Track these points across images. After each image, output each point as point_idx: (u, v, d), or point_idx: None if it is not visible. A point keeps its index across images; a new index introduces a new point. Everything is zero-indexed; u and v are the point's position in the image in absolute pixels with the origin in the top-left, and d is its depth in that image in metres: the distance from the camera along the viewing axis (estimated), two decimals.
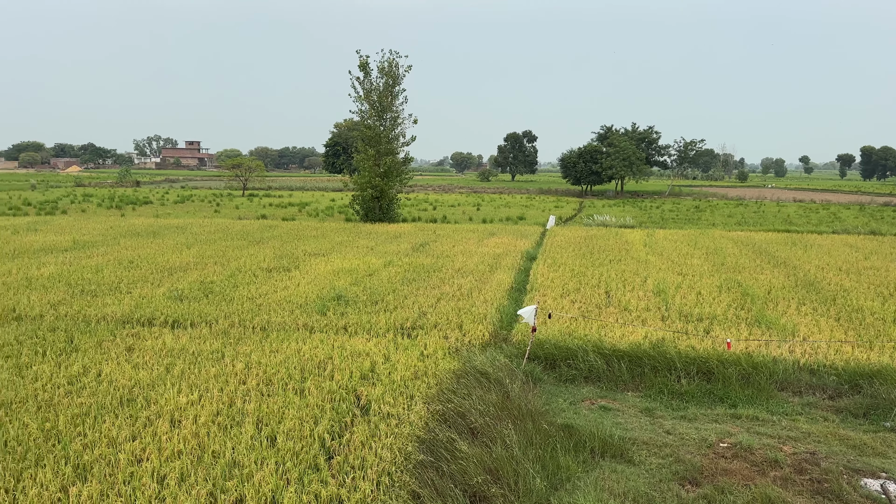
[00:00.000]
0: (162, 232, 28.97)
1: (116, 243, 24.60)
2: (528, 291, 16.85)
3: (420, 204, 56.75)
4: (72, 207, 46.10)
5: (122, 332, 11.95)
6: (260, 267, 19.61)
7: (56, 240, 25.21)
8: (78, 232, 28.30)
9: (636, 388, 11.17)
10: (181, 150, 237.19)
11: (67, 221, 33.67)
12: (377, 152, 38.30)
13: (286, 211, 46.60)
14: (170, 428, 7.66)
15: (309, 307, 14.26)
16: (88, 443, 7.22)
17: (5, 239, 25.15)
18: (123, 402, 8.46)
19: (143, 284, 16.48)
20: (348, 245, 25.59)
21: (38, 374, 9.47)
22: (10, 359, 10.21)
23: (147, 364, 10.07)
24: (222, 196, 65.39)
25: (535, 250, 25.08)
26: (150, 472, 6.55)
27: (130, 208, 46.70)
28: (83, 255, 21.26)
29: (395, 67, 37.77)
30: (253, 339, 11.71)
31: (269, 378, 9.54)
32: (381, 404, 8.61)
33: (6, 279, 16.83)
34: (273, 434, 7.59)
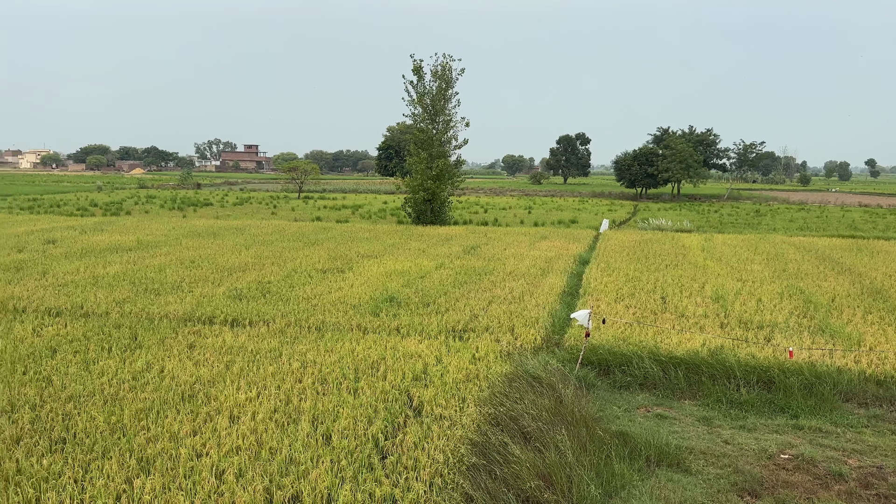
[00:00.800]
0: (221, 233, 29.77)
1: (178, 243, 25.40)
2: (580, 296, 16.67)
3: (471, 207, 56.79)
4: (136, 209, 47.82)
5: (183, 329, 12.33)
6: (315, 268, 19.95)
7: (121, 240, 26.18)
8: (142, 232, 29.33)
9: (693, 396, 10.92)
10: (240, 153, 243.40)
11: (132, 222, 34.94)
12: (429, 155, 38.52)
13: (340, 213, 47.29)
14: (229, 424, 7.87)
15: (362, 308, 14.43)
16: (151, 437, 7.48)
17: (73, 238, 26.26)
18: (185, 398, 8.73)
19: (204, 284, 16.97)
20: (400, 247, 25.81)
21: (105, 370, 9.84)
22: (79, 354, 10.64)
23: (208, 361, 10.36)
24: (279, 198, 66.80)
25: (588, 254, 24.79)
26: (210, 467, 6.74)
27: (192, 210, 48.14)
28: (147, 255, 22.02)
29: (448, 71, 37.95)
30: (308, 338, 11.92)
31: (323, 377, 9.70)
32: (434, 406, 8.65)
33: (74, 277, 17.56)
34: (328, 432, 7.71)
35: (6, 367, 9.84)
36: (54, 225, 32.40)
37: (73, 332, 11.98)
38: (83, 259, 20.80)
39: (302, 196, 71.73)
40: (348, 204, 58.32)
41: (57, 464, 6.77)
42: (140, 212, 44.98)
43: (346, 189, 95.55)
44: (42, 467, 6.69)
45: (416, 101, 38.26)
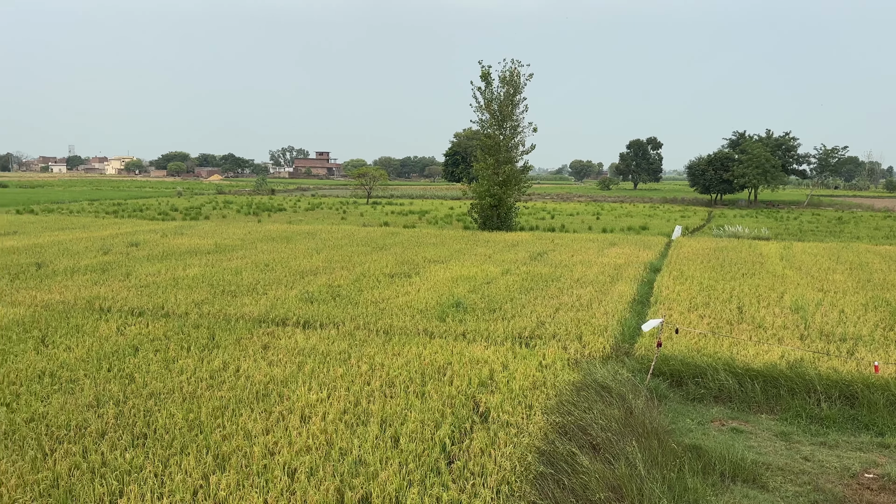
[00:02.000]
0: (294, 237, 30.56)
1: (254, 247, 26.23)
2: (651, 304, 16.29)
3: (538, 212, 56.38)
4: (213, 213, 49.66)
5: (258, 330, 12.72)
6: (383, 272, 20.22)
7: (200, 243, 27.23)
8: (219, 236, 30.43)
9: (770, 410, 10.49)
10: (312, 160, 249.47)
11: (210, 226, 36.30)
12: (496, 161, 38.50)
13: (407, 218, 47.78)
14: (300, 423, 8.06)
15: (429, 313, 14.53)
16: (227, 434, 7.73)
17: (155, 242, 27.48)
18: (259, 397, 9.00)
19: (278, 286, 17.45)
20: (466, 253, 25.86)
21: (184, 368, 10.24)
22: (160, 353, 11.12)
23: (281, 361, 10.65)
24: (348, 204, 68.09)
25: (660, 262, 24.20)
26: (282, 465, 6.92)
27: (266, 215, 49.63)
28: (224, 258, 22.82)
29: (516, 76, 37.86)
30: (376, 341, 12.08)
31: (391, 380, 9.81)
32: (500, 412, 8.62)
33: (156, 279, 18.37)
34: (396, 435, 7.79)
35: (93, 364, 10.37)
36: (137, 229, 34.00)
37: (155, 331, 12.53)
38: (164, 261, 21.73)
39: (370, 201, 72.89)
40: (415, 209, 58.88)
41: (139, 458, 7.08)
42: (218, 216, 46.67)
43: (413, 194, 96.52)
44: (125, 461, 7.02)
45: (483, 107, 38.32)
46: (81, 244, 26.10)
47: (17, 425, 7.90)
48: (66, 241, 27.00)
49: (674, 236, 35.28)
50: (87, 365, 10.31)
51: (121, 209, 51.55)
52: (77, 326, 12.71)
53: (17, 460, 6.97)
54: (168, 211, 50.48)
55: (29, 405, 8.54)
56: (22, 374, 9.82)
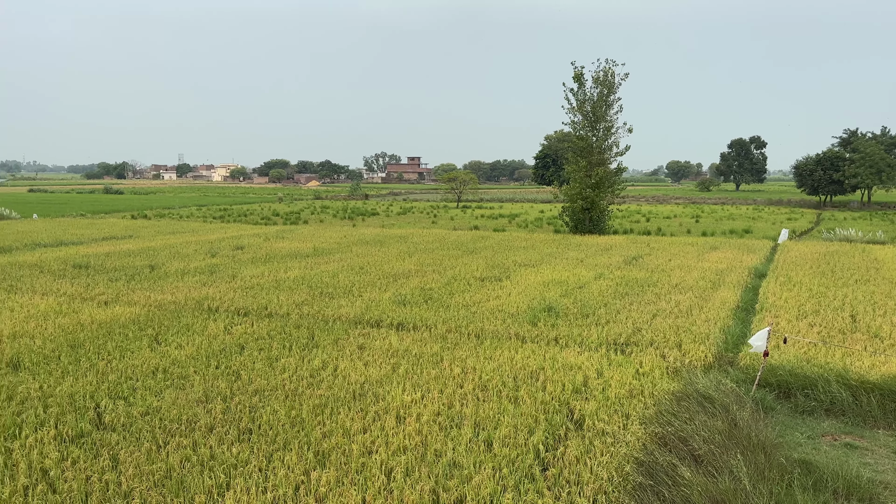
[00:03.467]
0: (387, 241, 31.19)
1: (349, 251, 26.96)
2: (756, 312, 15.52)
3: (632, 215, 54.96)
4: (312, 218, 51.40)
5: (354, 331, 13.05)
6: (473, 276, 20.28)
7: (299, 247, 28.26)
8: (317, 240, 31.47)
9: (889, 425, 9.75)
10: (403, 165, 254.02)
11: (308, 230, 37.59)
12: (588, 163, 37.84)
13: (497, 222, 47.74)
14: (396, 424, 8.20)
15: (520, 317, 14.44)
16: (326, 432, 7.97)
17: (258, 245, 28.73)
18: (356, 397, 9.22)
19: (372, 289, 17.85)
20: (558, 256, 25.54)
21: (286, 367, 10.64)
22: (263, 351, 11.60)
23: (376, 362, 10.88)
24: (438, 208, 68.79)
25: (765, 266, 23.03)
26: (379, 464, 7.06)
27: (360, 219, 50.92)
28: (321, 261, 23.58)
29: (610, 76, 37.09)
30: (468, 344, 12.13)
31: (484, 384, 9.81)
32: (596, 420, 8.45)
33: (259, 280, 19.19)
34: (489, 439, 7.78)
35: (202, 361, 10.95)
36: (242, 233, 35.67)
37: (259, 330, 13.09)
38: (267, 264, 22.68)
39: (460, 205, 73.33)
40: (505, 213, 58.75)
41: (244, 452, 7.40)
42: (315, 221, 48.27)
43: (503, 198, 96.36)
44: (232, 455, 7.36)
45: (576, 108, 37.77)
46: (191, 247, 27.65)
47: (134, 418, 8.44)
48: (176, 245, 28.68)
49: (780, 240, 33.50)
50: (196, 362, 10.89)
51: (226, 214, 54.23)
52: (187, 325, 13.46)
53: (134, 451, 7.44)
54: (270, 216, 52.68)
55: (144, 399, 9.11)
56: (138, 369, 10.50)
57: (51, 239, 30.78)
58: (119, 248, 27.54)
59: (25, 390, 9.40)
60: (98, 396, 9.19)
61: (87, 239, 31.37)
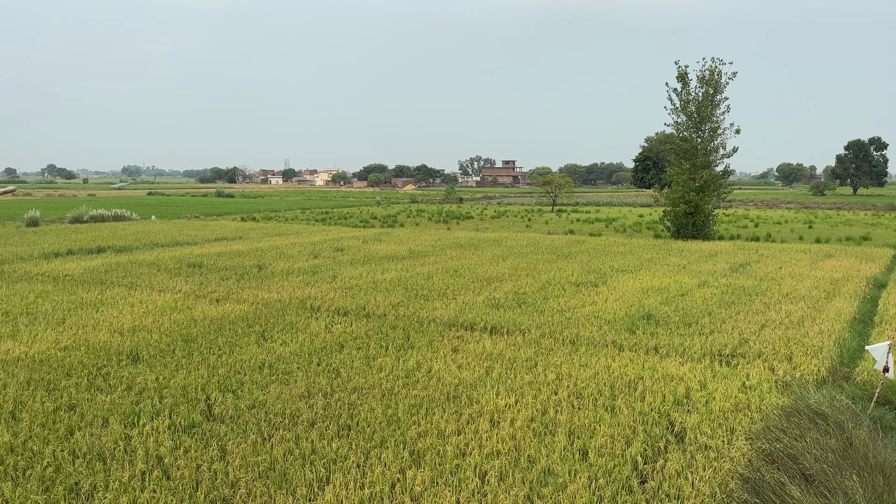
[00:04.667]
0: (481, 245, 31.28)
1: (443, 254, 27.24)
2: (875, 324, 14.45)
3: (739, 220, 52.49)
4: (407, 221, 52.32)
5: (448, 333, 13.17)
6: (568, 281, 20.00)
7: (395, 249, 28.83)
8: (412, 243, 32.00)
9: None
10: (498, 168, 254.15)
11: (404, 233, 38.29)
12: (692, 165, 36.48)
13: (593, 226, 46.86)
14: (489, 427, 8.20)
15: (617, 324, 14.11)
16: (421, 432, 8.09)
17: (357, 248, 29.53)
18: (450, 398, 9.30)
19: (466, 292, 17.96)
20: (658, 262, 24.76)
21: (382, 366, 10.88)
22: (361, 350, 11.91)
23: (469, 365, 10.93)
24: (533, 211, 68.30)
25: (886, 276, 21.41)
26: (473, 467, 7.08)
27: (455, 222, 51.34)
28: (417, 264, 23.95)
29: (716, 75, 35.64)
30: (563, 350, 11.97)
31: (579, 391, 9.65)
32: (698, 434, 8.13)
33: (358, 282, 19.72)
34: (584, 448, 7.65)
35: (304, 358, 11.37)
36: (342, 235, 36.78)
37: (357, 330, 13.45)
38: (365, 266, 23.28)
39: (555, 209, 72.50)
40: (602, 217, 57.57)
41: (343, 448, 7.63)
42: (411, 224, 49.10)
43: (600, 202, 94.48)
44: (331, 450, 7.59)
45: (679, 108, 36.52)
46: (295, 249, 28.79)
47: (241, 411, 8.87)
48: (282, 246, 29.94)
49: None
50: (299, 359, 11.32)
51: (328, 217, 56.09)
52: (291, 323, 14.01)
53: (241, 442, 7.82)
54: (368, 219, 54.05)
55: (251, 393, 9.55)
56: (245, 364, 11.03)
57: (167, 239, 32.89)
58: (230, 248, 29.05)
59: (143, 381, 10.08)
60: (209, 389, 9.73)
61: (201, 239, 33.29)
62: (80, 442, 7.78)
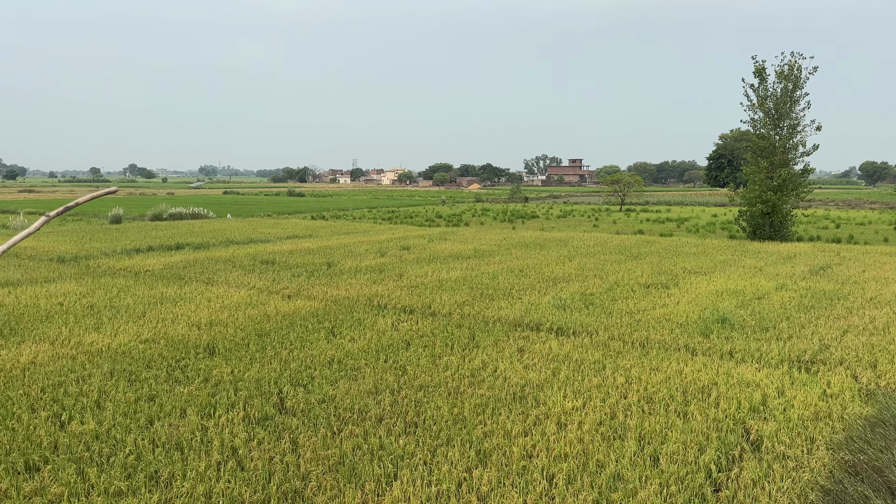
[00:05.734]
0: (546, 244, 31.00)
1: (508, 253, 27.13)
2: None
3: (819, 221, 50.22)
4: (472, 220, 52.37)
5: (514, 333, 13.10)
6: (637, 282, 19.58)
7: (460, 248, 28.89)
8: (477, 242, 32.00)
9: None
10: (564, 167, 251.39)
11: (469, 232, 38.33)
12: (770, 164, 35.13)
13: (663, 226, 45.73)
14: (556, 430, 8.11)
15: (690, 327, 13.72)
16: (487, 432, 8.07)
17: (423, 246, 29.74)
18: (516, 399, 9.25)
19: (531, 292, 17.82)
20: (732, 264, 23.95)
21: (448, 364, 10.92)
22: (427, 349, 11.98)
23: (535, 366, 10.85)
24: (600, 211, 67.21)
25: None
26: (540, 469, 7.02)
27: (520, 222, 51.07)
28: (482, 263, 23.94)
29: (796, 70, 34.19)
30: (632, 353, 11.72)
31: (649, 396, 9.44)
32: (775, 442, 7.82)
33: (424, 280, 19.85)
34: (655, 454, 7.47)
35: (372, 355, 11.53)
36: (408, 234, 37.13)
37: (423, 328, 13.55)
38: (430, 264, 23.43)
39: (624, 208, 71.11)
40: (673, 217, 56.10)
41: (410, 445, 7.69)
42: (476, 223, 49.12)
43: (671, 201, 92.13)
44: (399, 446, 7.67)
45: (756, 105, 35.22)
46: (362, 247, 29.25)
47: (312, 405, 9.06)
48: (350, 244, 30.48)
49: None
50: (367, 355, 11.49)
51: (394, 216, 56.76)
52: (359, 320, 14.24)
53: (312, 436, 7.99)
54: (433, 218, 54.37)
55: (321, 388, 9.75)
56: (315, 359, 11.27)
57: (242, 237, 33.96)
58: (300, 246, 29.76)
59: (219, 374, 10.43)
60: (281, 383, 9.99)
61: (273, 237, 34.23)
62: (159, 431, 8.11)
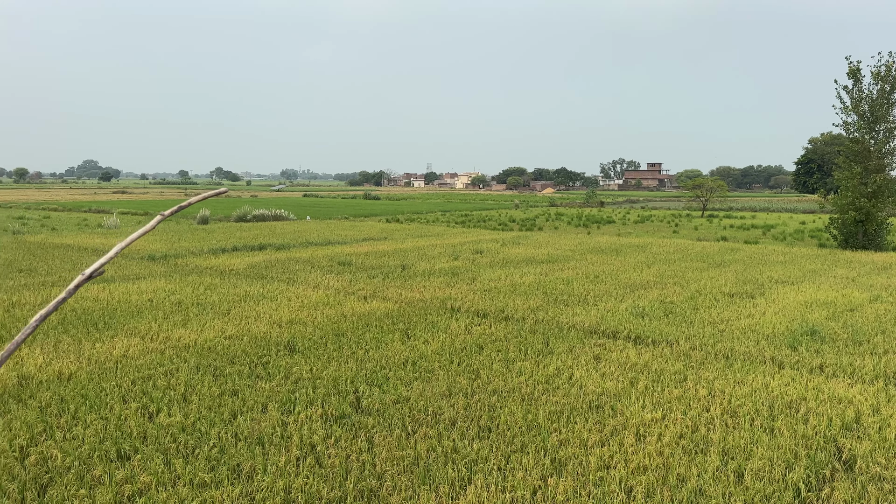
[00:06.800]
0: (623, 250, 30.36)
1: (583, 258, 26.71)
2: None
3: None
4: (546, 225, 51.89)
5: (589, 340, 12.88)
6: (721, 291, 18.90)
7: (534, 253, 28.66)
8: (551, 247, 31.66)
9: None
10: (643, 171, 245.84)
11: (543, 237, 37.99)
12: (864, 169, 33.26)
13: (748, 233, 44.02)
14: (635, 441, 7.91)
15: (777, 339, 13.13)
16: (563, 440, 7.95)
17: (496, 250, 29.67)
18: (592, 408, 9.08)
19: (608, 299, 17.48)
20: (822, 274, 22.78)
21: (522, 370, 10.83)
22: (500, 353, 11.93)
23: (612, 375, 10.62)
24: (680, 216, 65.32)
25: None
26: (618, 481, 6.86)
27: (595, 227, 50.23)
28: (556, 268, 23.66)
29: (894, 71, 32.27)
30: (715, 365, 11.31)
31: (733, 409, 9.08)
32: (870, 463, 7.37)
33: (497, 284, 19.79)
34: (740, 470, 7.17)
35: (445, 357, 11.57)
36: (481, 238, 37.14)
37: (496, 332, 13.50)
38: (503, 269, 23.35)
39: (706, 214, 68.87)
40: (758, 223, 53.91)
41: (484, 449, 7.66)
42: (550, 228, 48.65)
43: (756, 207, 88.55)
44: (472, 450, 7.66)
45: (850, 108, 33.43)
46: (436, 250, 29.45)
47: (387, 405, 9.17)
48: (423, 247, 30.74)
49: None
50: (440, 358, 11.55)
51: (467, 220, 56.91)
52: (432, 323, 14.33)
53: (387, 436, 8.08)
54: (506, 222, 54.19)
55: (395, 388, 9.86)
56: (390, 360, 11.40)
57: (320, 238, 34.82)
58: (375, 248, 30.26)
59: (298, 371, 10.71)
60: (357, 382, 10.16)
61: (350, 239, 34.94)
62: (241, 426, 8.39)
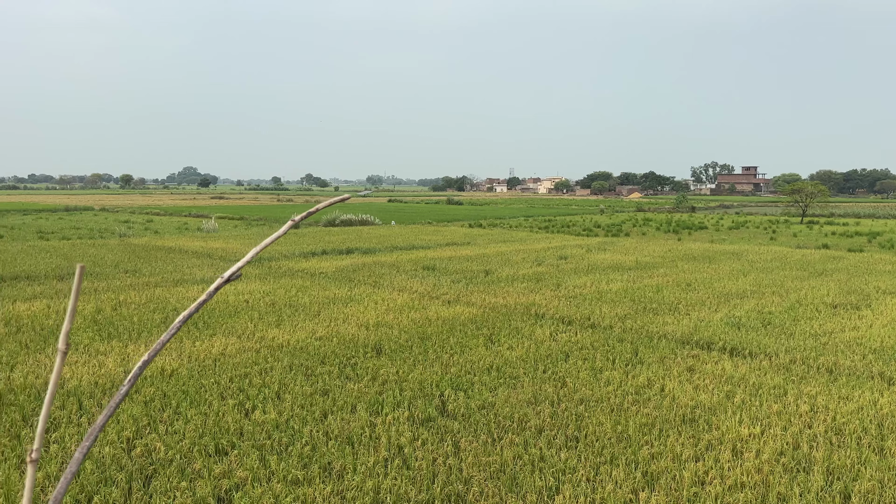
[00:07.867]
0: (716, 257, 29.22)
1: (674, 266, 25.88)
2: None
3: None
4: (633, 230, 50.63)
5: (682, 351, 12.45)
6: (823, 301, 17.87)
7: (621, 259, 28.02)
8: (639, 253, 30.86)
9: None
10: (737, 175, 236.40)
11: (630, 243, 37.09)
12: None
13: (852, 241, 41.45)
14: (731, 457, 7.58)
15: (885, 354, 12.29)
16: (655, 453, 7.71)
17: (580, 256, 29.20)
18: (685, 421, 8.76)
19: (700, 308, 16.86)
20: None
21: (610, 380, 10.59)
22: (587, 361, 11.71)
23: (707, 387, 10.22)
24: (778, 223, 62.27)
25: None
26: (713, 497, 6.59)
27: (686, 233, 48.60)
28: (644, 275, 23.04)
29: None
30: (818, 380, 10.70)
31: (838, 427, 8.55)
32: None
33: (582, 291, 19.47)
34: (846, 491, 6.75)
35: (530, 364, 11.46)
36: (565, 243, 36.65)
37: (582, 340, 13.27)
38: (589, 275, 22.94)
39: (805, 220, 65.37)
40: (863, 230, 50.66)
41: (572, 459, 7.54)
42: (637, 234, 47.44)
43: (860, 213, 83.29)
44: (560, 460, 7.54)
45: None
46: (519, 255, 29.28)
47: (472, 410, 9.17)
48: (506, 253, 30.63)
49: None
50: (525, 364, 11.45)
51: (550, 225, 56.29)
52: (516, 329, 14.24)
53: (473, 441, 8.08)
54: (591, 227, 53.25)
55: (480, 394, 9.85)
56: (475, 365, 11.41)
57: (405, 243, 35.31)
58: (459, 253, 30.39)
59: (385, 373, 10.88)
60: (442, 386, 10.22)
61: (433, 244, 35.26)
62: (332, 425, 8.60)
